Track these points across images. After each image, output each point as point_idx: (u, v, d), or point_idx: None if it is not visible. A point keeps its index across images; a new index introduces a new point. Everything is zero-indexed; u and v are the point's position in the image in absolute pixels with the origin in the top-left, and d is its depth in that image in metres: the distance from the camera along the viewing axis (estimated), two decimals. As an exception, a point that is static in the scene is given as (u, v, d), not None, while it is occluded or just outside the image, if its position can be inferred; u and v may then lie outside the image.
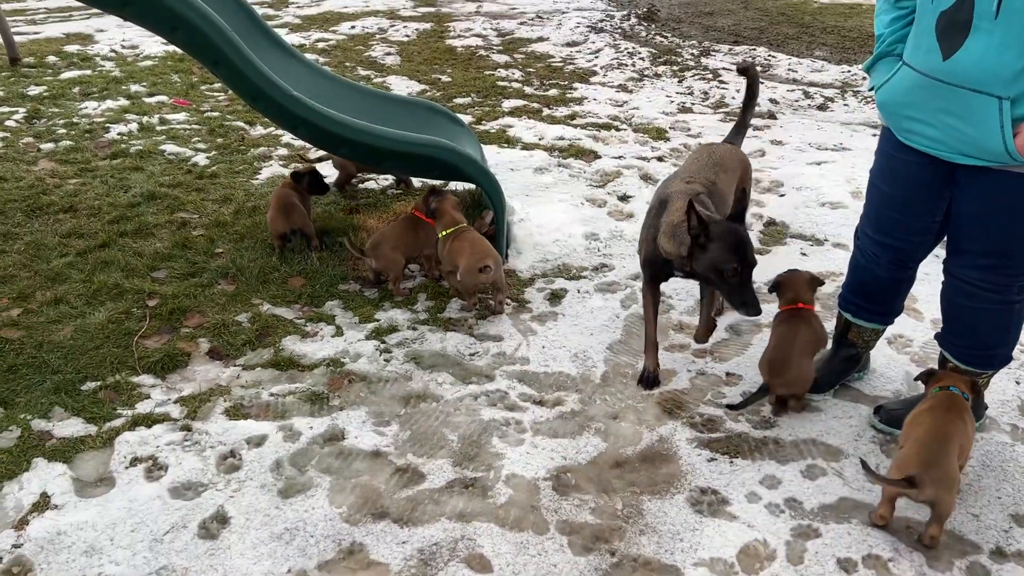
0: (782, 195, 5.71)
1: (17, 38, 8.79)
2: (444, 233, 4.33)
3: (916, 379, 3.30)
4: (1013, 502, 3.09)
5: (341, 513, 2.99)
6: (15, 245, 4.80)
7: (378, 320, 4.21)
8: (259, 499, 3.03)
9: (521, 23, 11.42)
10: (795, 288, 3.70)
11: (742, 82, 4.59)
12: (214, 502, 3.01)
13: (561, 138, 6.78)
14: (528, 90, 8.28)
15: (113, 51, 9.21)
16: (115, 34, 9.96)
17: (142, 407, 3.51)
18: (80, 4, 4.73)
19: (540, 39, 10.49)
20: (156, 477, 3.13)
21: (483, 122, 7.20)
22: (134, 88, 7.82)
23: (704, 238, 3.19)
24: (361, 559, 2.80)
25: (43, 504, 2.98)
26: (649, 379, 3.74)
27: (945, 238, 3.29)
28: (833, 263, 4.80)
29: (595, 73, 9.01)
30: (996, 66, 2.65)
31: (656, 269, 3.64)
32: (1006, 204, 2.90)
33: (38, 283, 4.40)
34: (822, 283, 3.81)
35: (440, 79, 8.57)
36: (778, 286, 3.77)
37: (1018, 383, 3.75)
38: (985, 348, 3.28)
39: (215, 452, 3.26)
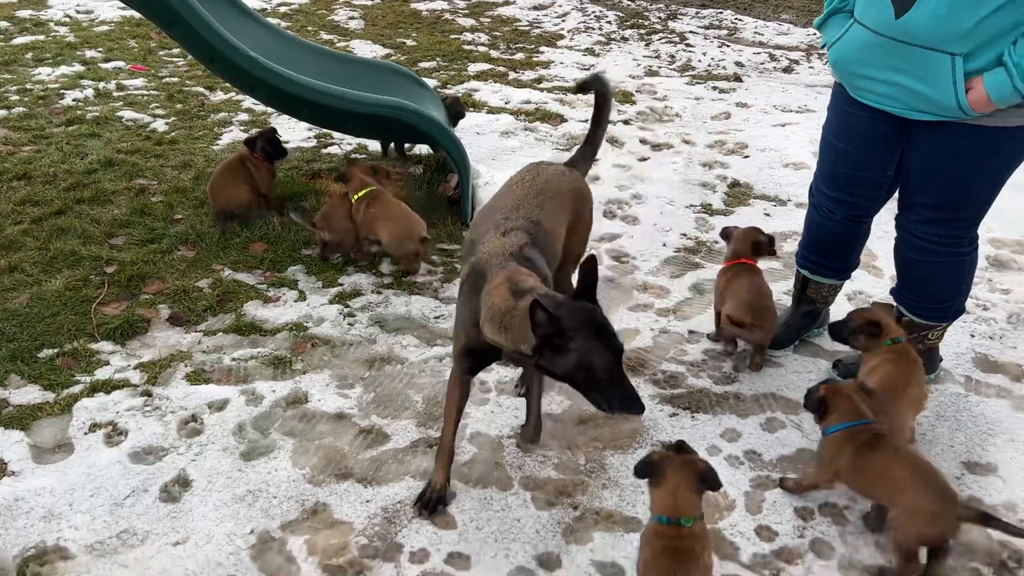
0: (746, 157, 5.73)
1: (-34, 3, 8.51)
2: (356, 197, 4.27)
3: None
4: (966, 450, 3.16)
5: (304, 474, 2.99)
6: (-32, 213, 4.68)
7: (342, 284, 4.18)
8: (221, 462, 3.02)
9: (487, -13, 11.25)
10: (744, 243, 3.72)
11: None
12: (175, 466, 2.99)
13: (527, 102, 6.73)
14: (494, 54, 8.19)
15: (67, 16, 8.94)
16: (69, -1, 9.67)
17: (101, 373, 3.47)
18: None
19: (506, 3, 10.35)
20: (116, 442, 3.10)
21: (449, 86, 7.12)
22: (89, 54, 7.61)
23: (559, 338, 2.30)
24: (325, 518, 2.81)
25: (0, 471, 2.94)
26: (431, 501, 2.83)
27: (896, 194, 3.33)
28: (796, 223, 4.82)
29: (562, 36, 8.93)
30: (949, 23, 2.66)
31: (479, 359, 2.76)
32: (955, 155, 2.94)
33: (-8, 251, 4.31)
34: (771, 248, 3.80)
35: (405, 43, 8.44)
36: (728, 237, 3.80)
37: (972, 336, 3.83)
38: (938, 301, 3.33)
39: (176, 417, 3.23)
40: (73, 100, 6.49)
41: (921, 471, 2.60)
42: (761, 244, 3.72)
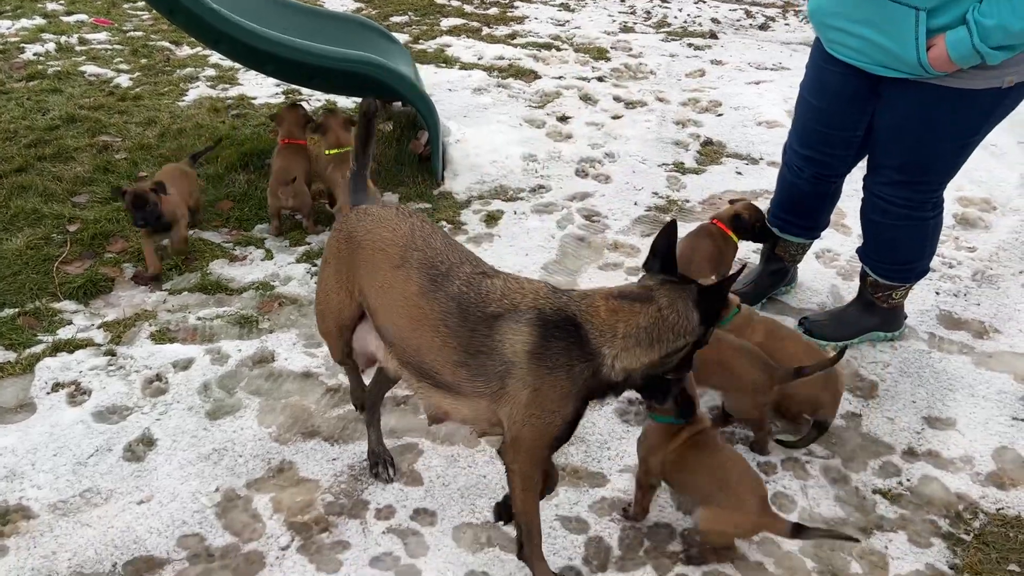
0: (720, 115, 5.70)
1: (-79, -48, 8.20)
2: (329, 153, 4.20)
3: None
4: (927, 405, 3.21)
5: (271, 433, 2.98)
6: (-76, 171, 4.57)
7: (309, 244, 4.14)
8: (186, 421, 3.00)
9: (462, -60, 11.03)
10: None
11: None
12: (139, 425, 2.97)
13: (501, 58, 6.63)
14: (468, 8, 8.05)
15: (27, -33, 8.66)
16: (29, -51, 9.36)
17: (64, 333, 3.42)
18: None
19: (481, -43, 10.16)
20: (79, 402, 3.07)
21: (420, 41, 7.00)
22: (51, 7, 7.40)
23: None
24: (291, 476, 2.81)
25: (-39, 431, 2.91)
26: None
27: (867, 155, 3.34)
28: (768, 182, 4.82)
29: (537, -8, 8.79)
30: None
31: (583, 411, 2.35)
32: (920, 116, 2.93)
33: (-50, 209, 4.22)
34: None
35: (377, -2, 8.27)
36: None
37: (937, 293, 3.87)
38: (903, 263, 3.36)
39: (140, 376, 3.20)
40: (34, 55, 6.32)
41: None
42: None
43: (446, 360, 2.19)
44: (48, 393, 3.10)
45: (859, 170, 3.50)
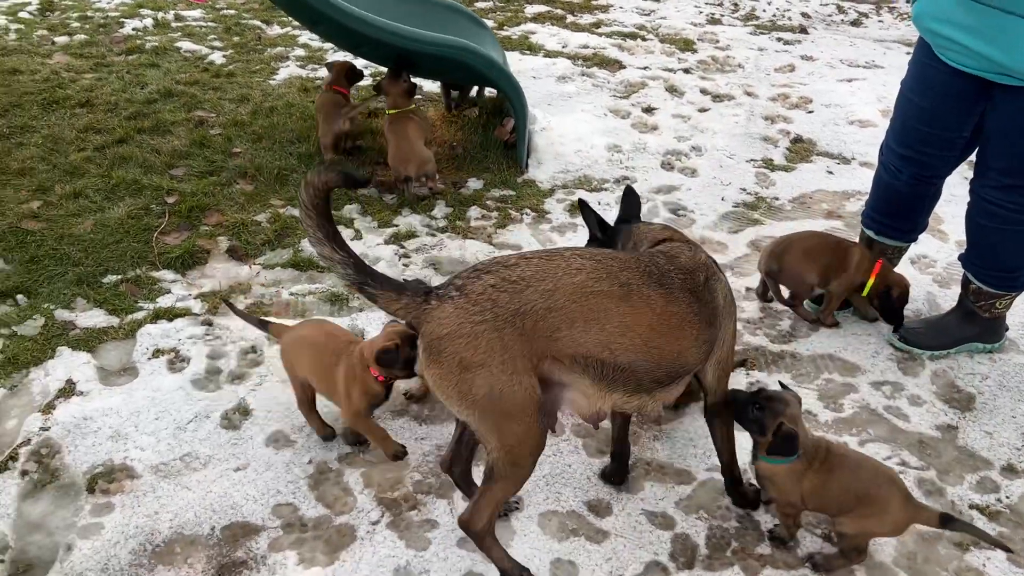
0: (810, 112, 5.57)
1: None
2: (389, 113, 4.44)
3: None
4: (1027, 422, 3.10)
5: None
6: (33, 138, 4.76)
7: (396, 225, 4.19)
8: (279, 393, 3.07)
9: (546, -74, 10.98)
10: None
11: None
12: (236, 395, 3.06)
13: (585, 46, 6.59)
14: (552, -4, 8.02)
15: (126, -56, 8.93)
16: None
17: (163, 301, 3.53)
18: None
19: (566, -56, 10.10)
20: (178, 369, 3.17)
21: (505, 27, 7.00)
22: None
23: None
24: (380, 453, 2.85)
25: (69, 390, 3.03)
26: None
27: (972, 157, 3.23)
28: (860, 182, 4.71)
29: (622, -19, 8.70)
30: None
31: None
32: None
33: (57, 176, 4.38)
34: None
35: (462, -18, 8.30)
36: None
37: (1041, 306, 3.72)
38: (1008, 271, 3.24)
39: (236, 347, 3.29)
40: (133, 29, 6.52)
41: None
42: None
43: (691, 346, 2.30)
44: (149, 359, 3.21)
45: (957, 173, 3.40)
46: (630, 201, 2.78)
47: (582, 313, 2.12)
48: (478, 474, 2.50)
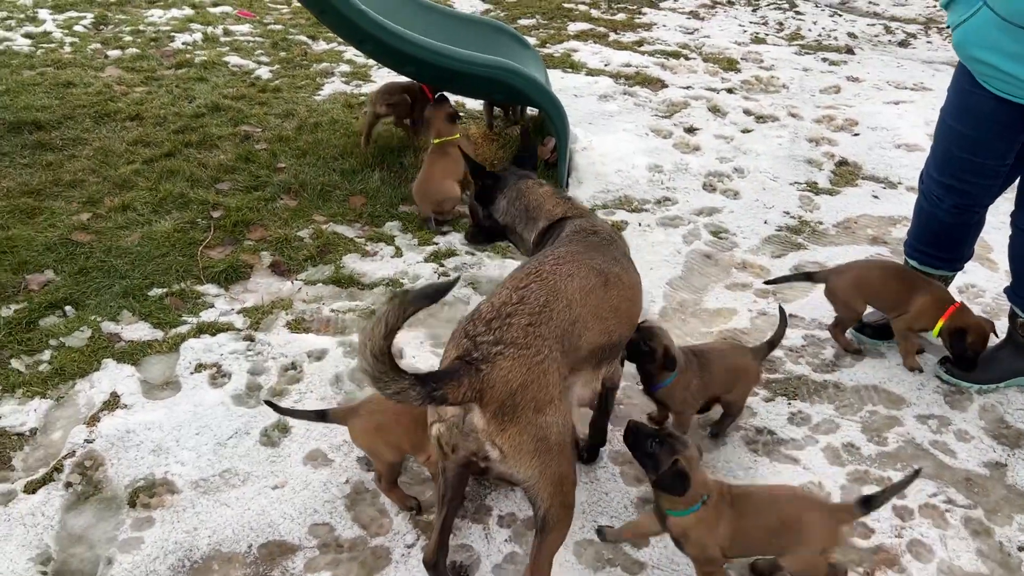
0: (856, 134, 5.50)
1: (84, -58, 8.75)
2: (434, 142, 4.41)
3: None
4: (1080, 462, 3.01)
5: (398, 430, 3.03)
6: (84, 150, 4.87)
7: (436, 244, 4.21)
8: (319, 411, 3.09)
9: (590, -57, 11.01)
10: None
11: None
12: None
13: (628, 65, 6.58)
14: (595, 13, 8.03)
15: (178, -41, 9.13)
16: (180, -59, 9.86)
17: (207, 315, 3.58)
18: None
19: (609, -39, 10.11)
20: (220, 384, 3.21)
21: (547, 45, 7.02)
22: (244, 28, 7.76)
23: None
24: (416, 475, 2.86)
25: (113, 403, 3.09)
26: None
27: (1015, 186, 3.16)
28: (906, 207, 4.58)
29: (665, -2, 8.69)
30: None
31: None
32: None
33: (106, 189, 4.48)
34: None
35: (505, -1, 8.35)
36: None
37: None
38: None
39: (277, 363, 3.32)
40: (183, 43, 6.65)
41: None
42: None
43: (640, 302, 2.69)
44: (192, 373, 3.25)
45: (1006, 200, 3.32)
46: (526, 150, 3.14)
47: (591, 313, 2.29)
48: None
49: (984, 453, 3.02)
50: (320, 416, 2.72)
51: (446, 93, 4.66)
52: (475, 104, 5.64)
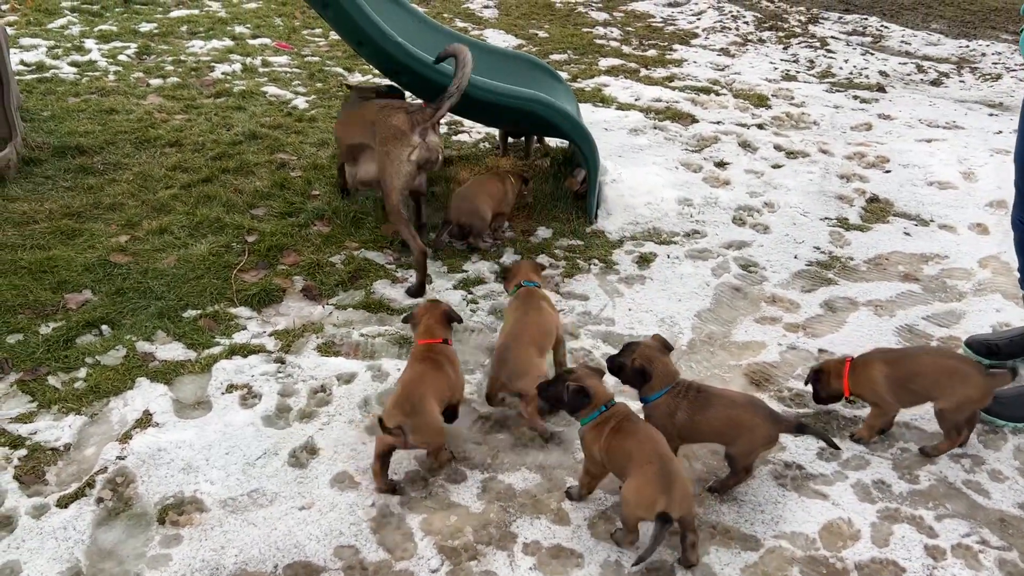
0: (887, 171, 5.48)
1: (131, -24, 9.03)
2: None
3: None
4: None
5: (424, 454, 3.05)
6: (124, 175, 4.99)
7: (466, 271, 4.24)
8: (347, 433, 3.12)
9: (622, -19, 11.17)
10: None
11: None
12: (304, 433, 3.11)
13: (658, 100, 6.64)
14: (626, 49, 8.12)
15: (219, -8, 9.39)
16: (222, -24, 10.15)
17: (239, 337, 3.64)
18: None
19: (641, -2, 10.24)
20: (250, 405, 3.25)
21: (579, 80, 7.11)
22: (238, 29, 7.98)
23: None
24: (442, 499, 2.86)
25: (145, 421, 3.13)
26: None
27: None
28: (939, 245, 4.59)
29: (696, 35, 8.77)
30: None
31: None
32: None
33: (145, 212, 4.58)
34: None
35: (537, 34, 8.47)
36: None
37: None
38: None
39: (307, 386, 3.35)
40: (222, 73, 6.82)
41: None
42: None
43: None
44: (223, 393, 3.30)
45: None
46: None
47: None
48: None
49: (1019, 494, 2.96)
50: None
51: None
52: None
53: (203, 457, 2.98)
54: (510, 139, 5.57)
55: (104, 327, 3.64)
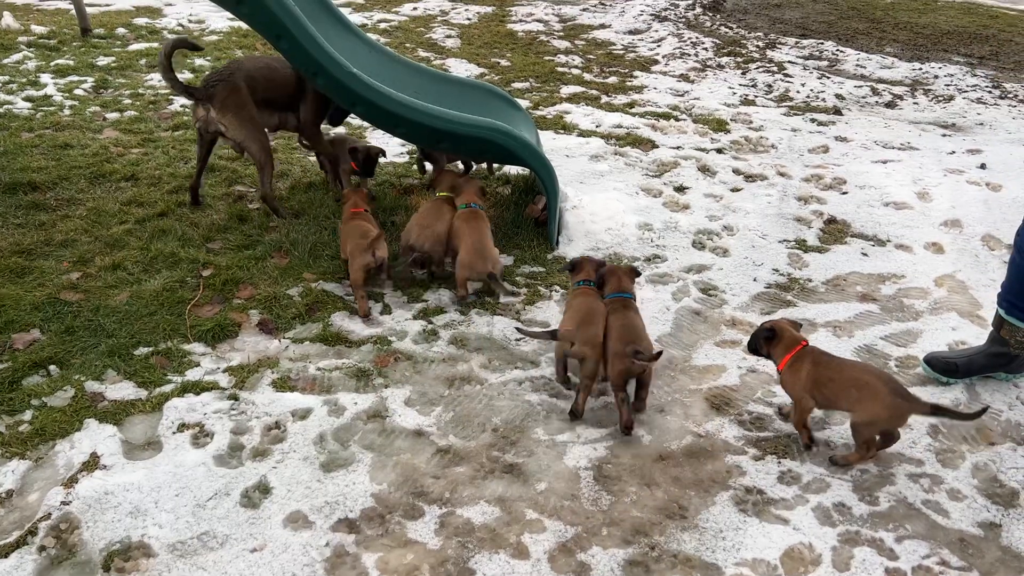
0: (844, 193, 5.55)
1: (88, 9, 8.97)
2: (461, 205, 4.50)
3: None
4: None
5: (381, 490, 2.99)
6: (78, 211, 4.90)
7: (426, 301, 4.20)
8: (301, 471, 3.05)
9: (583, 9, 11.30)
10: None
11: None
12: (257, 472, 3.04)
13: (619, 126, 6.68)
14: (587, 77, 8.19)
15: (180, 25, 9.36)
16: (183, 8, 10.12)
17: (192, 374, 3.56)
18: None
19: (602, 26, 10.35)
20: (202, 444, 3.17)
21: (540, 107, 7.14)
22: (199, 62, 7.93)
23: None
24: (399, 537, 2.80)
25: (92, 464, 3.04)
26: None
27: None
28: (896, 265, 4.64)
29: (656, 62, 8.87)
30: None
31: None
32: None
33: (98, 248, 4.49)
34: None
35: (499, 63, 8.52)
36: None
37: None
38: None
39: (260, 423, 3.28)
40: (180, 106, 6.76)
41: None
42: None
43: None
44: (174, 433, 3.22)
45: (999, 263, 3.33)
46: None
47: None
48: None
49: (978, 513, 2.97)
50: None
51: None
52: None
53: (152, 500, 2.89)
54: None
55: (52, 367, 3.55)
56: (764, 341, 3.31)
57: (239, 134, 4.62)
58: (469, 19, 10.53)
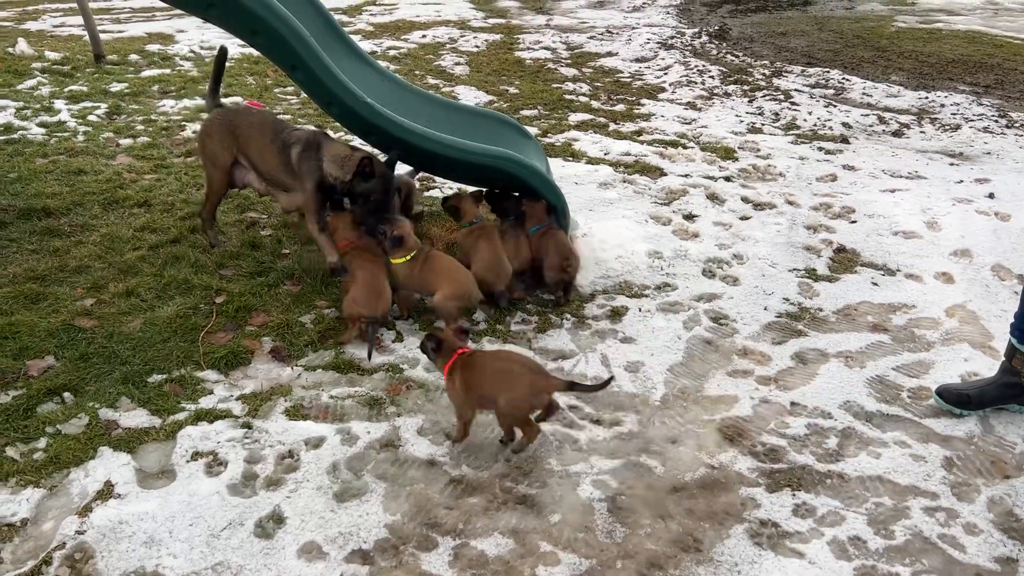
0: (853, 222, 5.57)
1: (102, 36, 9.09)
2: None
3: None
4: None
5: (395, 520, 2.99)
6: (91, 236, 4.94)
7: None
8: (315, 501, 3.05)
9: (591, 37, 11.41)
10: None
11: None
12: (271, 501, 3.04)
13: (627, 154, 6.73)
14: (595, 104, 8.25)
15: (192, 51, 9.47)
16: (195, 35, 10.25)
17: (205, 402, 3.57)
18: (164, 5, 4.87)
19: (609, 54, 10.45)
20: (216, 473, 3.17)
21: (549, 135, 7.19)
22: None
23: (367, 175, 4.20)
24: (413, 569, 2.79)
25: (107, 492, 3.04)
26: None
27: None
28: (906, 294, 4.65)
29: (664, 90, 8.94)
30: None
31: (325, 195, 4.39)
32: None
33: (111, 275, 4.52)
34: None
35: (508, 90, 8.59)
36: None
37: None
38: None
39: (274, 451, 3.29)
40: (192, 132, 6.82)
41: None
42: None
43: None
44: (188, 461, 3.22)
45: (1013, 295, 3.34)
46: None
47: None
48: None
49: (994, 548, 2.95)
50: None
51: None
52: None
53: (166, 529, 2.89)
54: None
55: (67, 394, 3.56)
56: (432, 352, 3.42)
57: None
58: (478, 46, 10.64)
